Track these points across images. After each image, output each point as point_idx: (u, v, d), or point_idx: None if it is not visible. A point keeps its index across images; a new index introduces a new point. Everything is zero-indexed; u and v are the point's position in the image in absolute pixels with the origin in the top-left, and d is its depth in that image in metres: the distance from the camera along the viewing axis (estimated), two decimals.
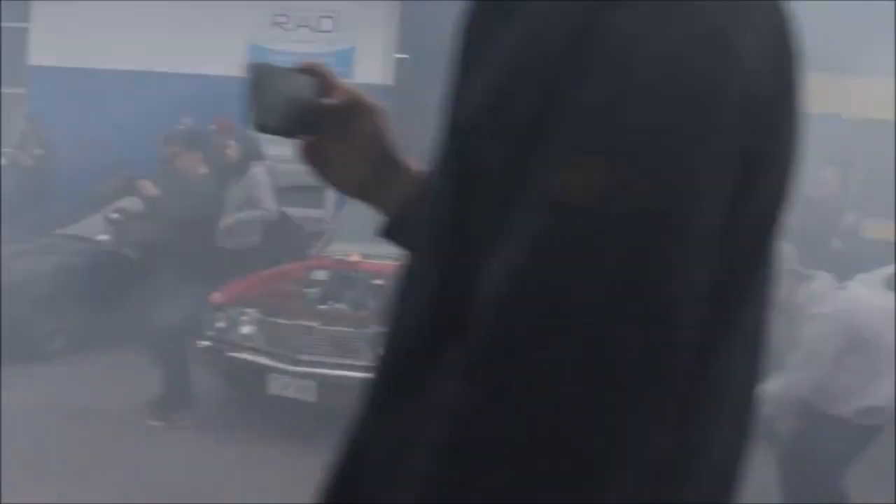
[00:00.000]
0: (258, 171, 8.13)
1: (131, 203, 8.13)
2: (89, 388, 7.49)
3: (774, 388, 4.29)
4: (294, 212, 9.74)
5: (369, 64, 10.49)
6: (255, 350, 6.81)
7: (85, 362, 8.15)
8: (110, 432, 6.61)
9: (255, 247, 8.16)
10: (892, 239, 9.39)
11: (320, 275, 7.53)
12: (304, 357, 6.59)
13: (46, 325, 8.36)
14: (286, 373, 6.61)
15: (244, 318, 6.87)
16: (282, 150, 11.11)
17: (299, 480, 5.72)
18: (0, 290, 7.83)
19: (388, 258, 7.69)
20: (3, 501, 5.20)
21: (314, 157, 1.24)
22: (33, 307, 8.23)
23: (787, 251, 4.51)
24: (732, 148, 0.73)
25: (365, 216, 8.06)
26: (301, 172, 1.34)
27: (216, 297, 6.94)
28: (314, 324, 6.64)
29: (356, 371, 6.49)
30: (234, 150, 8.16)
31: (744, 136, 0.74)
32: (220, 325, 6.94)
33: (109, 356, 8.06)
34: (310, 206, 10.11)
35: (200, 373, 7.15)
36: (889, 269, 8.91)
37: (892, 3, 9.20)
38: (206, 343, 6.97)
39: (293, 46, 10.98)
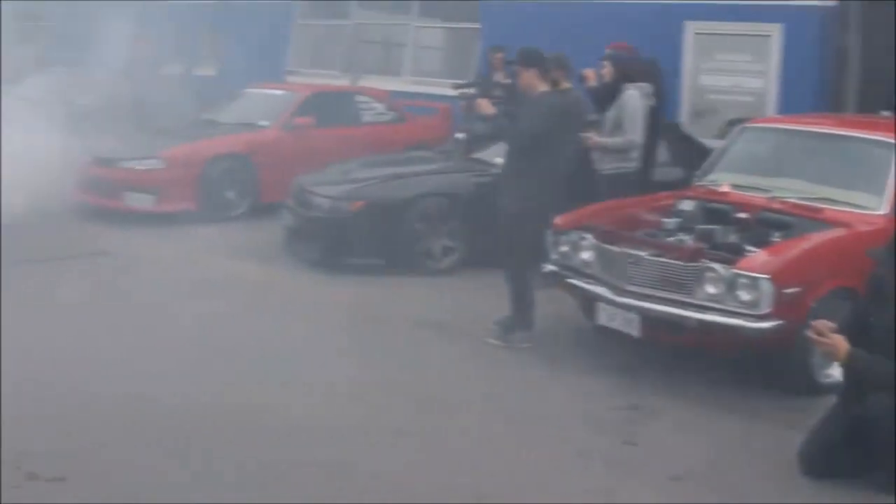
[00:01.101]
0: (630, 95, 7.72)
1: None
2: (457, 303, 7.74)
3: None
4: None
5: None
6: (591, 278, 6.52)
7: (467, 280, 8.42)
8: (451, 348, 6.78)
9: (631, 171, 7.81)
10: None
11: (687, 205, 7.01)
12: (631, 288, 6.17)
13: (440, 243, 8.76)
14: (613, 303, 6.25)
15: (584, 243, 6.60)
16: (720, 81, 10.43)
17: (611, 415, 5.44)
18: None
19: (758, 190, 6.91)
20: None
21: None
22: (429, 225, 8.67)
23: None
24: None
25: (748, 147, 7.33)
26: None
27: (559, 220, 6.74)
28: (642, 254, 6.18)
29: (680, 308, 5.95)
30: (608, 72, 7.84)
31: None
32: (564, 249, 6.75)
33: (491, 276, 8.22)
34: None
35: (547, 298, 7.05)
36: None
37: None
38: (550, 267, 6.82)
39: None
